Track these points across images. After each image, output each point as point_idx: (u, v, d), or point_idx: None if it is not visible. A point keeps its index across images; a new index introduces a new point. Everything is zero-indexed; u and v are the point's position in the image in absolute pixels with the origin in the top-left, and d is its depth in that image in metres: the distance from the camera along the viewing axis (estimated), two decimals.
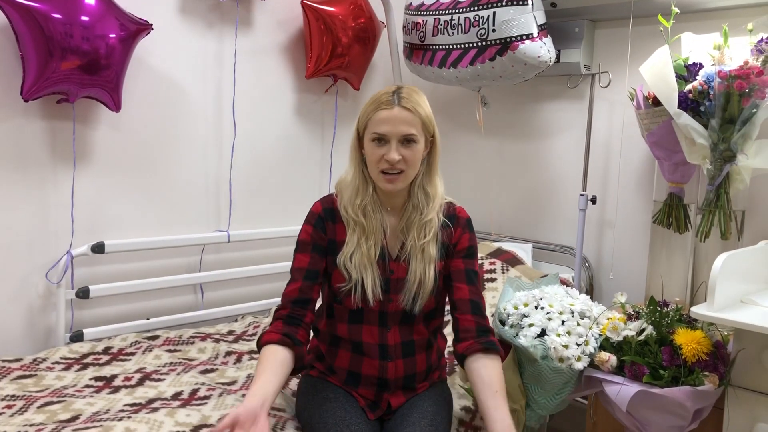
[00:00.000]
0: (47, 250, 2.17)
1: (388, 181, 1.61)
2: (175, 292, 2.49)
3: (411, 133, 1.58)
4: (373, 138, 1.60)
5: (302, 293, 1.63)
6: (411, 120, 1.59)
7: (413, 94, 1.62)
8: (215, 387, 1.85)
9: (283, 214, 2.74)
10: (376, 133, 1.59)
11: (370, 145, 1.61)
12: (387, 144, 1.58)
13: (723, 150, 1.96)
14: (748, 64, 1.91)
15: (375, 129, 1.59)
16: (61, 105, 2.13)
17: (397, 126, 1.58)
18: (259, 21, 2.62)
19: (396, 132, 1.58)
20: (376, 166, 1.61)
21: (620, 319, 1.84)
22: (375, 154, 1.60)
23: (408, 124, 1.58)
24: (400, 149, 1.58)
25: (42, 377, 1.87)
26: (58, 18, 1.93)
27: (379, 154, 1.59)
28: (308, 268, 1.65)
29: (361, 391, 1.67)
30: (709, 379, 1.68)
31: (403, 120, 1.58)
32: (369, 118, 1.61)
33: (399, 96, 1.60)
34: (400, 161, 1.58)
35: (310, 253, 1.66)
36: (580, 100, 2.65)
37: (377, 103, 1.60)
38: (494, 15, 2.35)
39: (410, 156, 1.59)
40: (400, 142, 1.58)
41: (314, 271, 1.65)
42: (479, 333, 1.67)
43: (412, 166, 1.61)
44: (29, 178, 2.12)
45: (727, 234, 2.01)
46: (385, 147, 1.58)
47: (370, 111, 1.61)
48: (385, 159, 1.58)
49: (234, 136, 2.56)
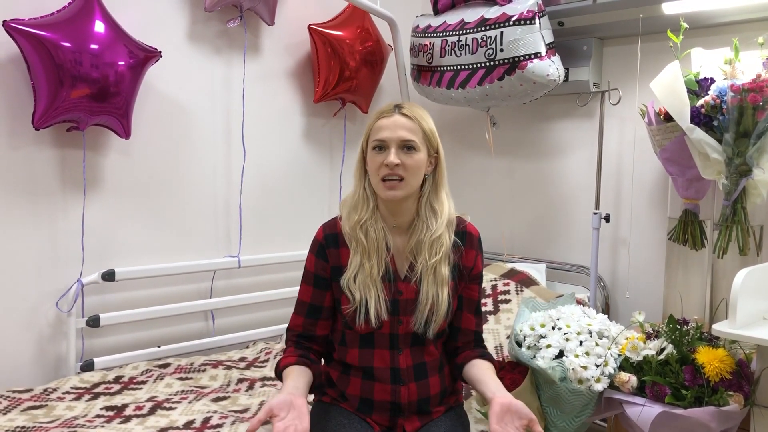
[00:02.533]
0: (57, 278, 2.16)
1: (388, 188, 1.59)
2: (186, 319, 2.47)
3: (410, 139, 1.59)
4: (373, 146, 1.61)
5: (305, 329, 1.67)
6: (410, 126, 1.60)
7: (414, 107, 1.64)
8: (228, 415, 1.82)
9: (294, 238, 2.73)
10: (376, 140, 1.60)
11: (371, 155, 1.62)
12: (386, 150, 1.59)
13: (738, 164, 1.94)
14: (761, 77, 1.89)
15: (375, 136, 1.61)
16: (71, 133, 2.13)
17: (396, 131, 1.59)
18: (267, 46, 2.63)
19: (395, 137, 1.58)
20: (376, 174, 1.60)
21: (639, 339, 1.80)
22: (375, 162, 1.60)
23: (407, 129, 1.59)
24: (400, 155, 1.58)
25: (52, 407, 1.85)
26: (67, 46, 1.94)
27: (379, 161, 1.59)
28: (310, 302, 1.67)
29: (375, 417, 1.64)
30: (733, 399, 1.64)
31: (402, 125, 1.59)
32: (371, 129, 1.63)
33: (399, 106, 1.63)
34: (399, 166, 1.57)
35: (313, 287, 1.67)
36: (591, 117, 2.64)
37: (378, 115, 1.64)
38: (502, 35, 2.35)
39: (410, 163, 1.59)
40: (400, 147, 1.58)
41: (317, 307, 1.67)
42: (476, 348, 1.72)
43: (412, 174, 1.60)
44: (40, 206, 2.12)
45: (746, 249, 1.98)
46: (384, 153, 1.59)
47: (371, 122, 1.64)
48: (384, 164, 1.58)
49: (243, 161, 2.56)
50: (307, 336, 1.67)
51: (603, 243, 2.60)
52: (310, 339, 1.68)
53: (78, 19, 2.00)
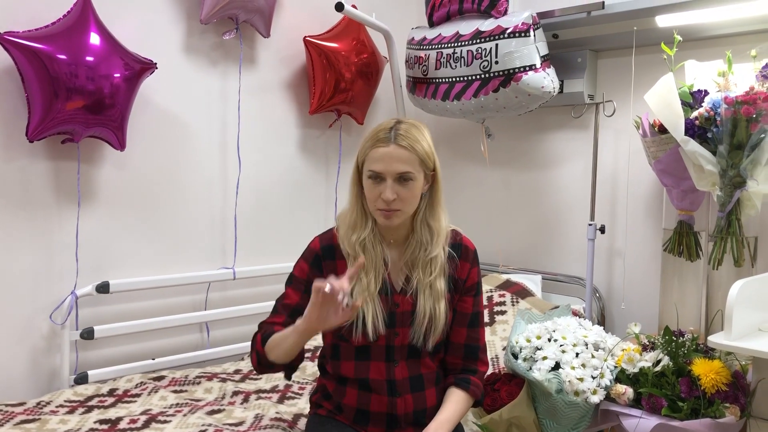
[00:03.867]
0: (51, 291, 2.15)
1: (384, 218, 1.59)
2: (180, 331, 2.46)
3: (406, 171, 1.56)
4: (369, 175, 1.58)
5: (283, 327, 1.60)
6: (407, 158, 1.56)
7: (412, 130, 1.59)
8: (222, 428, 1.81)
9: (289, 249, 2.71)
10: (372, 171, 1.57)
11: (368, 183, 1.59)
12: (383, 182, 1.56)
13: (732, 176, 1.94)
14: (754, 89, 1.90)
15: (371, 167, 1.57)
16: (65, 145, 2.13)
17: (391, 164, 1.55)
18: (262, 58, 2.63)
19: (391, 170, 1.55)
20: (373, 204, 1.59)
21: (635, 350, 1.80)
22: (372, 193, 1.58)
23: (403, 162, 1.55)
24: (396, 187, 1.55)
25: (45, 421, 1.83)
26: (63, 59, 1.94)
27: (376, 193, 1.57)
28: (296, 306, 1.62)
29: (371, 429, 1.64)
30: (730, 411, 1.64)
31: (398, 158, 1.55)
32: (366, 154, 1.59)
33: (396, 133, 1.57)
34: (396, 200, 1.56)
35: (302, 293, 1.63)
36: (585, 129, 2.65)
37: (374, 140, 1.58)
38: (497, 47, 2.36)
39: (406, 194, 1.57)
40: (396, 180, 1.56)
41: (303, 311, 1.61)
42: (460, 371, 1.70)
43: (408, 203, 1.59)
44: (34, 218, 2.11)
45: (741, 261, 1.98)
46: (381, 185, 1.56)
47: (368, 147, 1.59)
48: (381, 198, 1.56)
49: (239, 173, 2.56)
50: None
51: (598, 254, 2.60)
52: None
53: (73, 31, 2.00)
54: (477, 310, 1.72)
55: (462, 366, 1.70)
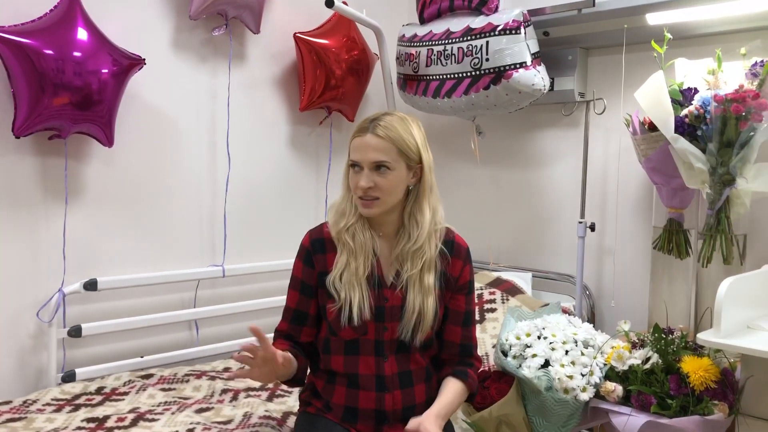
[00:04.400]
0: (38, 288, 2.13)
1: (363, 206, 1.62)
2: (169, 329, 2.44)
3: (381, 160, 1.58)
4: (350, 164, 1.64)
5: (290, 334, 1.70)
6: (382, 147, 1.59)
7: (394, 122, 1.62)
8: (211, 426, 1.80)
9: (279, 247, 2.71)
10: (351, 160, 1.63)
11: (350, 172, 1.65)
12: (361, 171, 1.61)
13: (722, 174, 1.95)
14: (743, 87, 1.91)
15: (351, 156, 1.64)
16: (53, 141, 2.11)
17: (366, 153, 1.59)
18: (252, 54, 2.62)
19: (366, 159, 1.59)
20: (354, 193, 1.64)
21: (625, 348, 1.80)
22: (352, 180, 1.64)
23: (378, 150, 1.58)
24: (372, 176, 1.59)
25: (32, 420, 1.82)
26: (50, 54, 1.92)
27: (355, 182, 1.62)
28: (295, 308, 1.69)
29: (360, 426, 1.64)
30: (718, 408, 1.64)
31: (373, 147, 1.59)
32: (350, 144, 1.65)
33: (376, 123, 1.61)
34: (373, 188, 1.59)
35: (299, 293, 1.69)
36: (576, 127, 2.65)
37: (356, 130, 1.64)
38: (487, 44, 2.36)
39: (383, 183, 1.59)
40: (372, 169, 1.59)
41: (302, 314, 1.68)
42: (457, 364, 1.72)
43: (387, 192, 1.61)
44: (20, 215, 2.09)
45: (730, 259, 1.99)
46: (359, 174, 1.61)
47: (351, 138, 1.65)
48: (358, 186, 1.60)
49: (228, 170, 2.54)
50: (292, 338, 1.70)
51: (588, 252, 2.60)
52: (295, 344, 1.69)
53: (60, 26, 1.98)
54: (470, 308, 1.74)
55: (458, 360, 1.72)
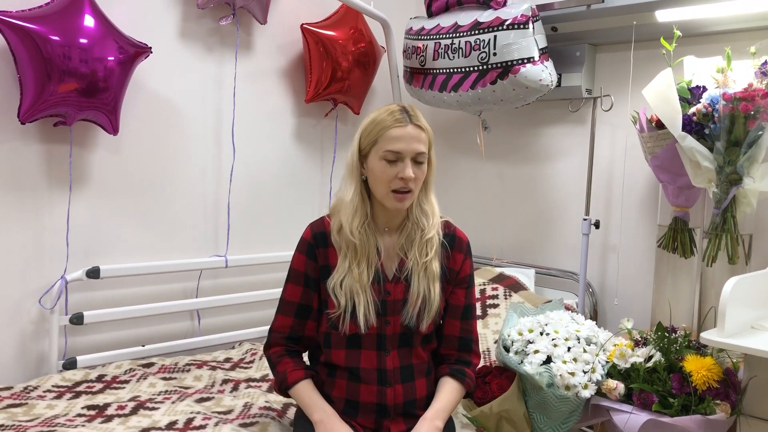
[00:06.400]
0: (41, 275, 2.13)
1: (398, 200, 1.58)
2: (171, 318, 2.44)
3: (423, 152, 1.59)
4: (385, 156, 1.56)
5: (293, 331, 1.66)
6: (422, 138, 1.59)
7: (419, 113, 1.63)
8: (211, 416, 1.79)
9: (282, 239, 2.71)
10: (391, 151, 1.56)
11: (380, 164, 1.57)
12: (401, 162, 1.56)
13: (729, 173, 1.94)
14: (752, 86, 1.89)
15: (389, 147, 1.56)
16: (58, 128, 2.10)
17: (411, 144, 1.56)
18: (259, 45, 2.61)
19: (411, 150, 1.56)
20: (387, 186, 1.57)
21: (628, 346, 1.80)
22: (387, 173, 1.56)
23: (421, 142, 1.58)
24: (413, 167, 1.57)
25: (33, 406, 1.82)
26: (56, 40, 1.91)
27: (392, 173, 1.56)
28: (300, 303, 1.65)
29: (360, 420, 1.63)
30: (720, 408, 1.63)
31: (416, 138, 1.57)
32: (380, 135, 1.57)
33: (409, 114, 1.59)
34: (412, 180, 1.57)
35: (303, 287, 1.65)
36: (582, 123, 2.64)
37: (389, 121, 1.57)
38: (495, 39, 2.35)
39: (420, 175, 1.60)
40: (412, 160, 1.57)
41: (307, 307, 1.65)
42: (455, 362, 1.70)
43: (419, 185, 1.61)
44: (24, 202, 2.09)
45: (735, 258, 1.98)
46: (398, 165, 1.56)
47: (381, 129, 1.57)
48: (400, 177, 1.55)
49: (233, 160, 2.54)
50: (294, 338, 1.66)
51: (592, 249, 2.60)
52: (297, 341, 1.67)
53: (67, 12, 1.97)
54: (469, 302, 1.72)
55: (456, 357, 1.71)
